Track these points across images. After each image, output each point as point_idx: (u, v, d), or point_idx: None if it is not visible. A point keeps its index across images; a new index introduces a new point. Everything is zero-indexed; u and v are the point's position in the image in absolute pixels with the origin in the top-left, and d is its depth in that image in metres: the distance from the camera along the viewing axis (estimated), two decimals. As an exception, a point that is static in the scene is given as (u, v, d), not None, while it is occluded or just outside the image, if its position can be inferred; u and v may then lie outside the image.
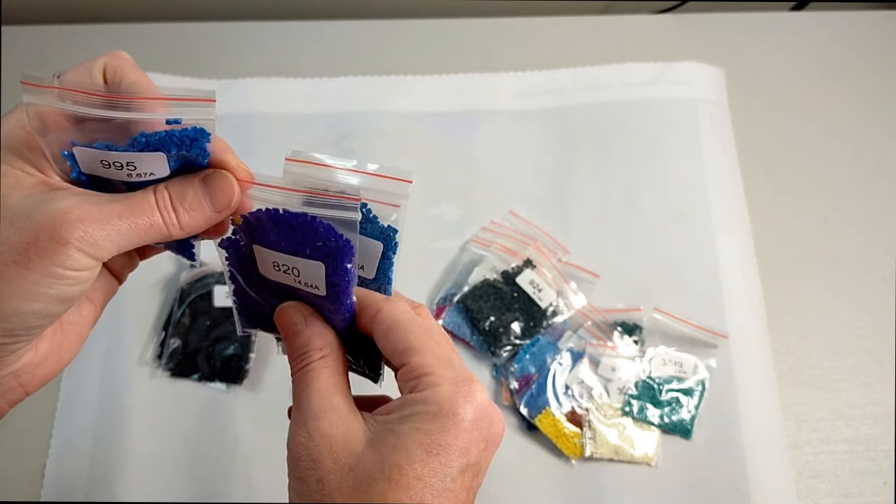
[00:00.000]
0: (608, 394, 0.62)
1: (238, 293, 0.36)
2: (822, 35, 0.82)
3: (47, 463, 0.60)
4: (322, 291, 0.32)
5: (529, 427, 0.61)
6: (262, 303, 0.35)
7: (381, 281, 0.35)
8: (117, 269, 0.36)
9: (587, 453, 0.60)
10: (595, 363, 0.63)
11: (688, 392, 0.62)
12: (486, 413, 0.31)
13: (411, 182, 0.32)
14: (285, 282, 0.33)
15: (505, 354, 0.63)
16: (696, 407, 0.61)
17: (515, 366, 0.63)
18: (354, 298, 0.33)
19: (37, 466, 0.60)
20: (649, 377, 0.63)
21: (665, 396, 0.62)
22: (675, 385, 0.62)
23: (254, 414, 0.62)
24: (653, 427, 0.61)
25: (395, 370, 0.33)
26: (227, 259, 0.34)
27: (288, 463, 0.31)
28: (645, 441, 0.60)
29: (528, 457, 0.60)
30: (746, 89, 0.77)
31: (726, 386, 0.62)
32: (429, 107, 0.76)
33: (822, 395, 0.63)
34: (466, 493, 0.30)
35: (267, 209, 0.31)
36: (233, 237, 0.34)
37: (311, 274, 0.32)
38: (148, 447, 0.60)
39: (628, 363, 0.63)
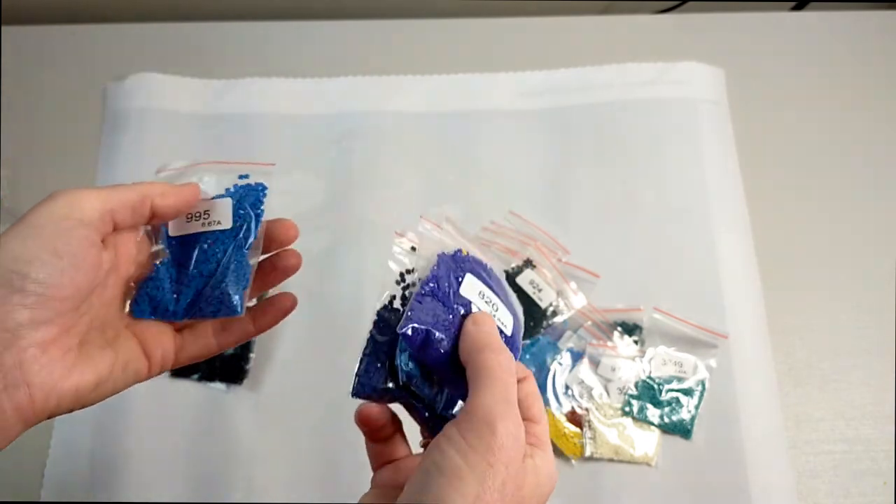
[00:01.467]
0: (608, 394, 0.62)
1: (426, 294, 0.38)
2: (822, 35, 0.82)
3: (47, 463, 0.60)
4: (508, 332, 0.40)
5: (529, 427, 0.61)
6: (446, 311, 0.38)
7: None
8: (150, 350, 0.38)
9: (587, 453, 0.60)
10: (595, 363, 0.63)
11: (688, 392, 0.62)
12: None
13: None
14: (482, 307, 0.39)
15: (505, 354, 0.63)
16: (696, 407, 0.61)
17: (515, 366, 0.62)
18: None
19: (37, 466, 0.60)
20: (649, 377, 0.63)
21: (665, 396, 0.62)
22: (675, 385, 0.62)
23: (254, 414, 0.62)
24: (653, 427, 0.61)
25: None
26: (433, 272, 0.39)
27: (481, 440, 0.31)
28: (645, 441, 0.60)
29: (528, 457, 0.60)
30: (746, 89, 0.77)
31: (726, 386, 0.62)
32: (429, 107, 0.76)
33: (822, 395, 0.63)
34: None
35: (485, 262, 0.42)
36: (449, 256, 0.40)
37: (504, 317, 0.40)
38: (148, 447, 0.60)
39: (628, 363, 0.63)
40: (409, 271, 0.40)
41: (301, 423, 0.61)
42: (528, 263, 0.66)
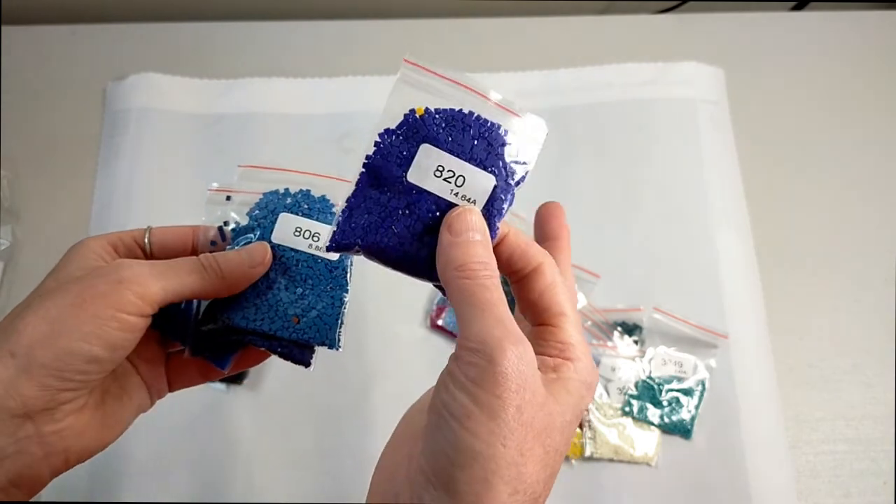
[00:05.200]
0: (608, 394, 0.62)
1: (359, 194, 0.32)
2: (822, 35, 0.82)
3: (47, 463, 0.60)
4: (478, 208, 0.33)
5: (529, 427, 0.61)
6: (387, 209, 0.32)
7: None
8: (151, 386, 0.39)
9: (587, 453, 0.60)
10: (595, 363, 0.63)
11: (688, 392, 0.62)
12: None
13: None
14: (437, 191, 0.32)
15: (505, 354, 0.63)
16: (696, 407, 0.61)
17: (515, 366, 0.62)
18: (500, 227, 0.33)
19: (37, 466, 0.60)
20: (649, 377, 0.63)
21: (665, 396, 0.62)
22: (675, 385, 0.62)
23: (254, 414, 0.62)
24: (653, 427, 0.61)
25: (529, 320, 0.33)
26: (374, 151, 0.32)
27: (483, 375, 0.28)
28: (645, 441, 0.60)
29: (528, 457, 0.60)
30: (746, 89, 0.77)
31: (726, 386, 0.62)
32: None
33: (822, 395, 0.63)
34: None
35: (461, 109, 0.32)
36: (396, 130, 0.32)
37: (477, 187, 0.32)
38: (148, 447, 0.60)
39: (628, 363, 0.63)
40: (227, 223, 0.38)
41: (301, 423, 0.61)
42: (528, 263, 0.66)
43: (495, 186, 0.33)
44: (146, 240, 0.37)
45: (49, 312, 0.31)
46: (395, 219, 0.32)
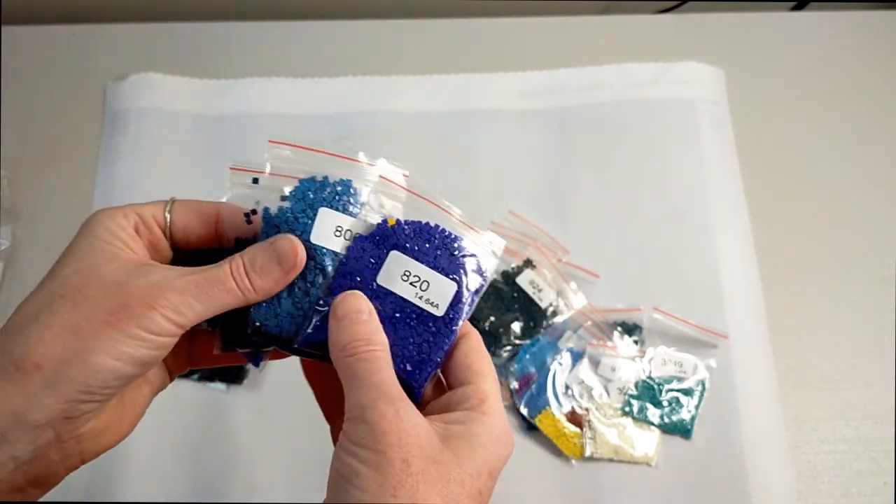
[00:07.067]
0: (608, 394, 0.62)
1: (333, 287, 0.35)
2: (822, 35, 0.82)
3: (47, 463, 0.60)
4: (440, 312, 0.35)
5: (529, 427, 0.61)
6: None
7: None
8: (171, 366, 0.38)
9: (587, 453, 0.60)
10: (595, 363, 0.63)
11: (688, 392, 0.62)
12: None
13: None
14: (402, 293, 0.35)
15: (505, 355, 0.63)
16: (696, 407, 0.61)
17: (515, 366, 0.63)
18: (461, 328, 0.36)
19: (37, 466, 0.60)
20: (649, 377, 0.63)
21: (665, 396, 0.62)
22: (675, 385, 0.62)
23: (254, 414, 0.62)
24: (653, 427, 0.61)
25: (450, 383, 0.36)
26: (349, 254, 0.35)
27: (362, 435, 0.30)
28: (645, 441, 0.60)
29: (528, 457, 0.60)
30: (746, 89, 0.77)
31: (726, 386, 0.62)
32: (429, 107, 0.76)
33: (822, 395, 0.63)
34: None
35: (427, 223, 0.36)
36: (367, 237, 0.35)
37: (439, 291, 0.35)
38: (148, 447, 0.60)
39: (628, 363, 0.63)
40: (255, 211, 0.35)
41: (301, 423, 0.61)
42: (528, 263, 0.66)
43: (457, 292, 0.35)
44: (166, 219, 0.35)
45: (79, 325, 0.30)
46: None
